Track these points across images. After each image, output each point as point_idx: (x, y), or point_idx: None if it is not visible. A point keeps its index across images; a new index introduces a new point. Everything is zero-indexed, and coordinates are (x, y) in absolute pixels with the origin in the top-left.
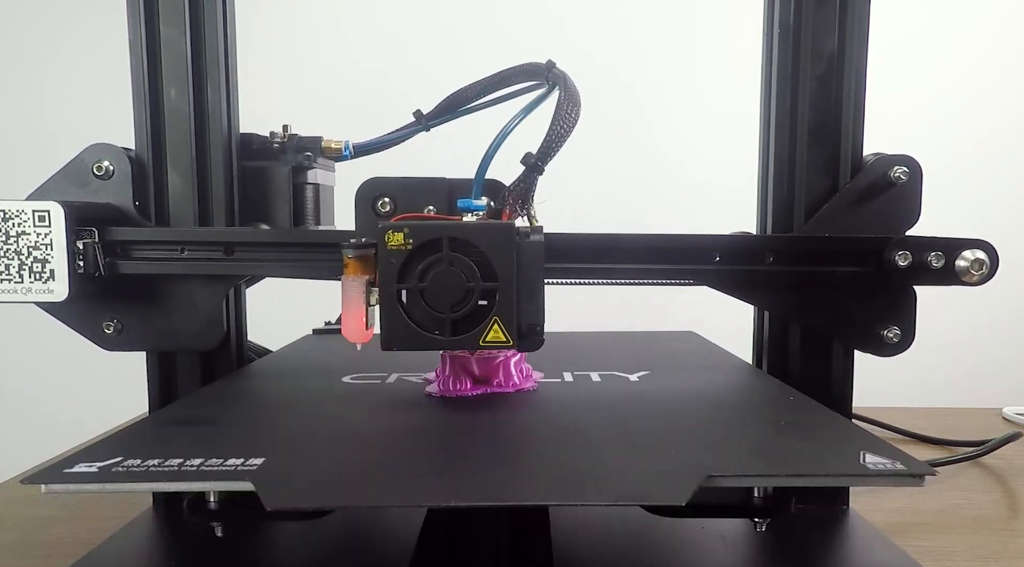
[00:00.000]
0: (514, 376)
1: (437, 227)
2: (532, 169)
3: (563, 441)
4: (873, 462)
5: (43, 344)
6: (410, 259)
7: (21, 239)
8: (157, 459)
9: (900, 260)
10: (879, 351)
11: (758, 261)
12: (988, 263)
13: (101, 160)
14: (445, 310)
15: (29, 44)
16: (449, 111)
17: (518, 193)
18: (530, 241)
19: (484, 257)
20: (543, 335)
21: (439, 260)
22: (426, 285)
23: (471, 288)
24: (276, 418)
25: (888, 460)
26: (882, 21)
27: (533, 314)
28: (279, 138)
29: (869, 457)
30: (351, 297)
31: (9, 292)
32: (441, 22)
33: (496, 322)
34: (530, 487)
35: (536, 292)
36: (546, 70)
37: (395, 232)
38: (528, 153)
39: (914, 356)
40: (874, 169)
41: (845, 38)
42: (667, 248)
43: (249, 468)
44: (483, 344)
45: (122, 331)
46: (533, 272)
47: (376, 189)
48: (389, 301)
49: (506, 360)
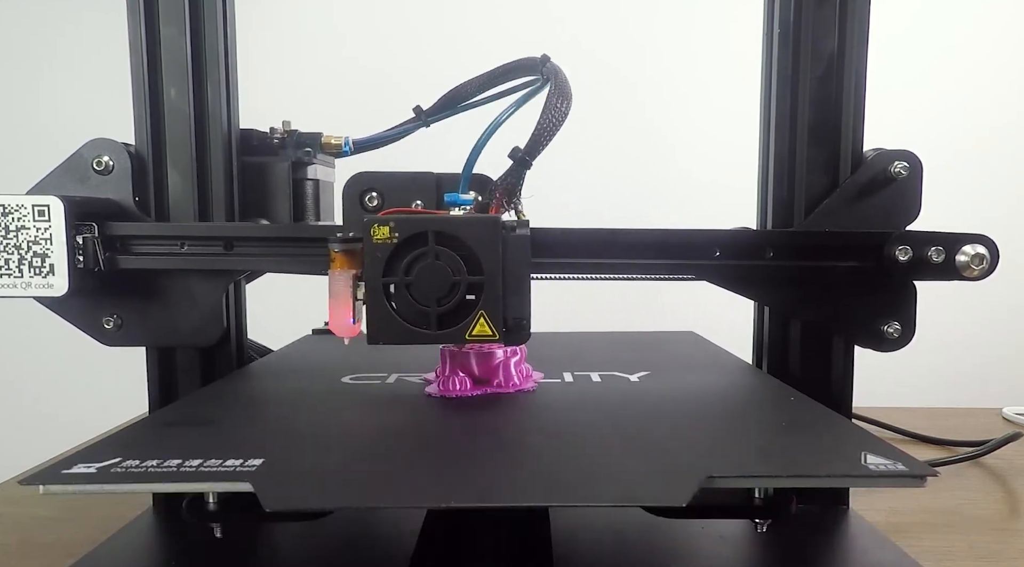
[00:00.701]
0: (514, 377)
1: (422, 220)
2: (520, 163)
3: (563, 441)
4: (874, 463)
5: (43, 344)
6: (396, 253)
7: (21, 234)
8: (156, 460)
9: (900, 255)
10: (879, 347)
11: (758, 256)
12: (988, 258)
13: (101, 155)
14: (431, 304)
15: (28, 40)
16: (449, 107)
17: (505, 187)
18: (516, 235)
19: (470, 251)
20: (529, 329)
21: (425, 254)
22: (412, 279)
23: (457, 282)
24: (275, 418)
25: (889, 461)
26: (882, 21)
27: (519, 307)
28: (279, 134)
29: (870, 458)
30: (338, 291)
31: (9, 287)
32: (441, 22)
33: (482, 316)
34: (529, 488)
35: (522, 286)
36: (540, 64)
37: (380, 225)
38: (516, 147)
39: (914, 356)
40: (874, 164)
41: (845, 38)
42: (667, 243)
43: (248, 469)
44: (469, 338)
45: (122, 326)
46: (519, 266)
47: (363, 183)
48: (375, 295)
49: (506, 360)
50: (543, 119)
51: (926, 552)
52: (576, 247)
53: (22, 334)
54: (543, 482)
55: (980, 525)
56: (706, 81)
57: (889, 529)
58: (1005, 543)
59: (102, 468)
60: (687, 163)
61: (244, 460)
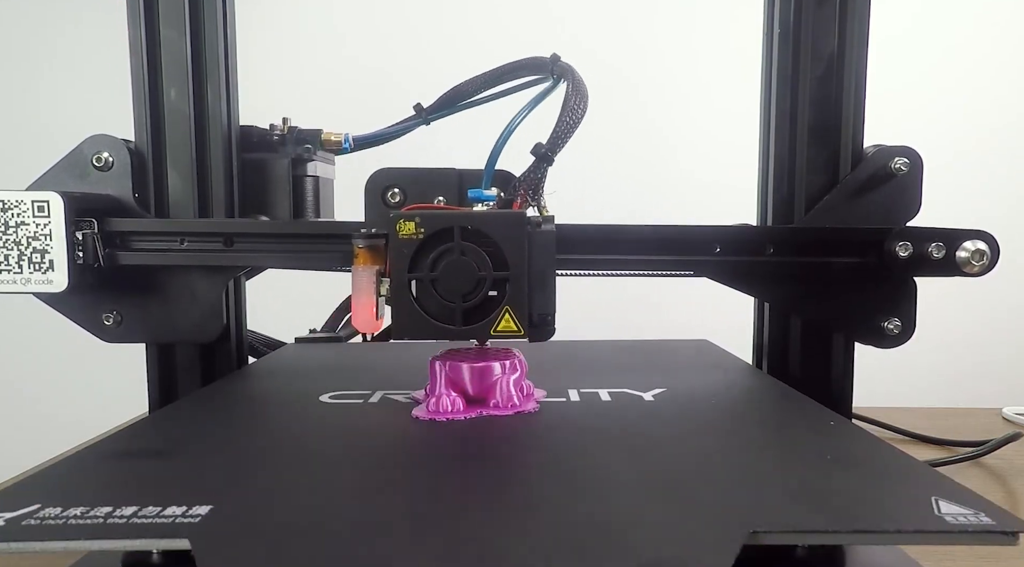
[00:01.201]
0: (513, 396)
1: (449, 216)
2: (542, 159)
3: (571, 482)
4: (951, 513)
5: (43, 344)
6: (421, 248)
7: (20, 229)
8: (81, 507)
9: (900, 251)
10: (879, 343)
11: (759, 252)
12: (989, 254)
13: (100, 152)
14: (456, 299)
15: (28, 40)
16: (449, 105)
17: (529, 183)
18: (542, 231)
19: (496, 246)
20: (554, 325)
21: (451, 249)
22: (437, 274)
23: (483, 277)
24: (237, 450)
25: (969, 511)
26: (882, 21)
27: (544, 304)
28: (279, 130)
29: (944, 506)
30: (361, 287)
31: (8, 283)
32: (440, 23)
33: (508, 311)
34: (535, 553)
35: (547, 281)
36: (551, 63)
37: (406, 221)
38: (539, 143)
39: (914, 356)
40: (875, 160)
41: (845, 38)
42: (669, 239)
43: (190, 520)
44: (494, 333)
45: (121, 323)
46: (545, 261)
47: (386, 179)
48: (400, 290)
49: (504, 377)
50: (563, 117)
51: (926, 552)
52: (582, 243)
53: (22, 334)
54: (550, 543)
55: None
56: (707, 81)
57: None
58: None
59: (12, 519)
60: (688, 163)
61: (188, 507)
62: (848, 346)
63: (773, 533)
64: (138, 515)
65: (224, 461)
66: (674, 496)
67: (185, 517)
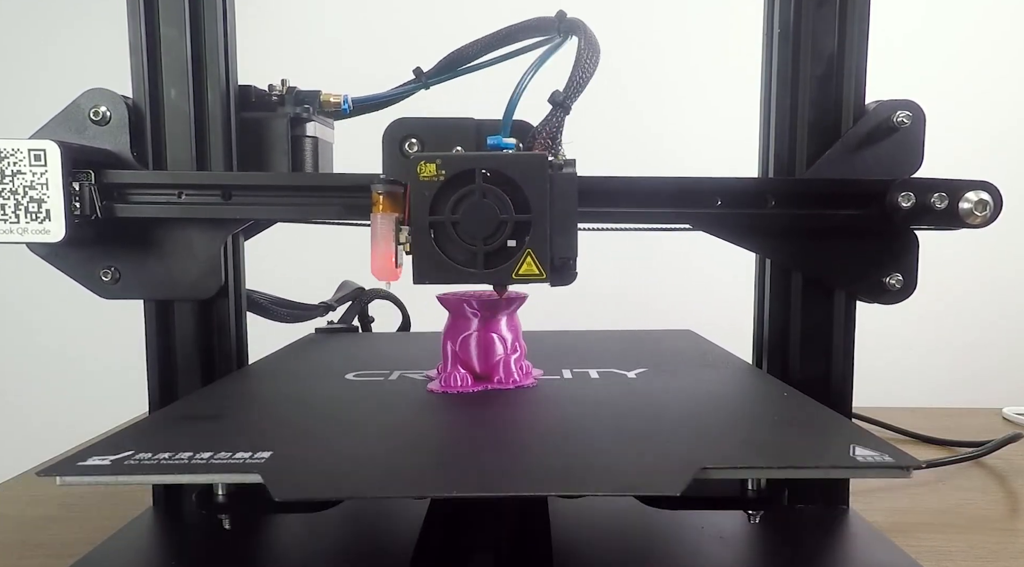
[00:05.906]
0: (514, 373)
1: (470, 158)
2: (559, 107)
3: (561, 436)
4: (862, 455)
5: (43, 344)
6: (442, 190)
7: (17, 178)
8: (167, 452)
9: (903, 201)
10: (881, 299)
11: (760, 205)
12: (992, 204)
13: (98, 105)
14: (477, 243)
15: (28, 40)
16: (450, 69)
17: (547, 132)
18: (563, 173)
19: (517, 189)
20: (576, 268)
21: (472, 192)
22: (458, 217)
23: (504, 220)
24: (281, 414)
25: (876, 453)
26: (883, 21)
27: (566, 247)
28: (277, 91)
29: (859, 450)
30: (381, 234)
31: (5, 232)
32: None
33: (529, 254)
34: (529, 478)
35: (569, 225)
36: (557, 21)
37: (428, 163)
38: (556, 91)
39: (914, 356)
40: (876, 114)
41: (845, 38)
42: (668, 191)
43: (257, 461)
44: (516, 277)
45: (119, 279)
46: (566, 204)
47: (403, 129)
48: (421, 234)
49: (506, 357)
50: (576, 70)
51: (926, 552)
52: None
53: (22, 334)
54: (542, 473)
55: (980, 525)
56: (706, 82)
57: (889, 529)
58: (1005, 543)
59: (116, 460)
60: (689, 163)
61: (253, 453)
62: (848, 345)
63: (720, 468)
64: (215, 458)
65: (272, 422)
66: (645, 445)
67: (252, 459)
